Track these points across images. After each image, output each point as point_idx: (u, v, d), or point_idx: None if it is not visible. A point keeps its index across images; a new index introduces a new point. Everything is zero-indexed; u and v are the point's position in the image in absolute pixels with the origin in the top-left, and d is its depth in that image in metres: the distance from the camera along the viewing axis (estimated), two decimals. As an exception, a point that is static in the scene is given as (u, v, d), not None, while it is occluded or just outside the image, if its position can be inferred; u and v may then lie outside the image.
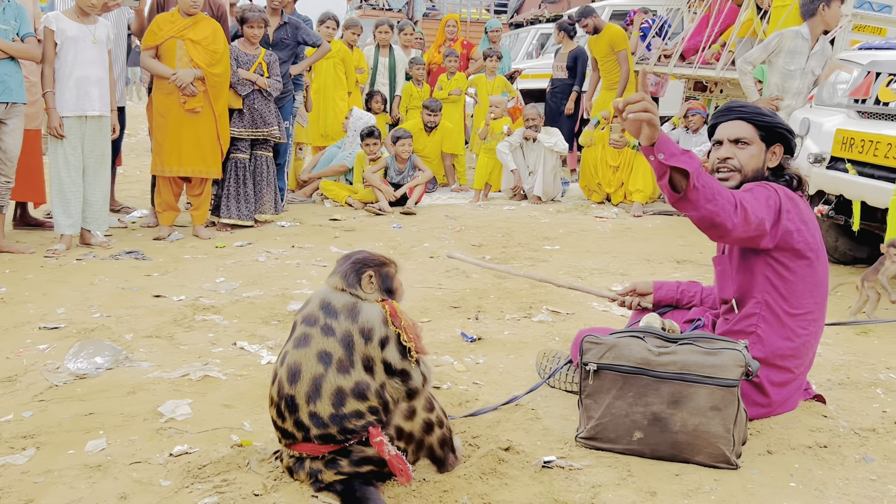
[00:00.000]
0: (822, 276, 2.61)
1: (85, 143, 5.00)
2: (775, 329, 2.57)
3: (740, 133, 2.61)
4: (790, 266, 2.53)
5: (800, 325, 2.58)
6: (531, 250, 5.42)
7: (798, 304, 2.56)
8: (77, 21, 4.92)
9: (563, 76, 8.71)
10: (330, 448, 2.08)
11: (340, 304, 2.08)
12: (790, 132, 2.64)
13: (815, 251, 2.55)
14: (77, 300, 3.98)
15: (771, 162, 2.64)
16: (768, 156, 2.63)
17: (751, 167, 2.61)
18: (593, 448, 2.45)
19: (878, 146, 4.09)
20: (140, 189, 7.66)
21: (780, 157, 2.65)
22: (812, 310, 2.59)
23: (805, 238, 2.51)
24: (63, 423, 2.58)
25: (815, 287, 2.58)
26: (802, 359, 2.62)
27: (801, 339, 2.58)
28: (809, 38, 5.37)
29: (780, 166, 2.66)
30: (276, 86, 5.90)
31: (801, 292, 2.55)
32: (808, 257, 2.53)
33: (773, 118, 2.64)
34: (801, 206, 2.57)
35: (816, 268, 2.57)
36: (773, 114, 2.68)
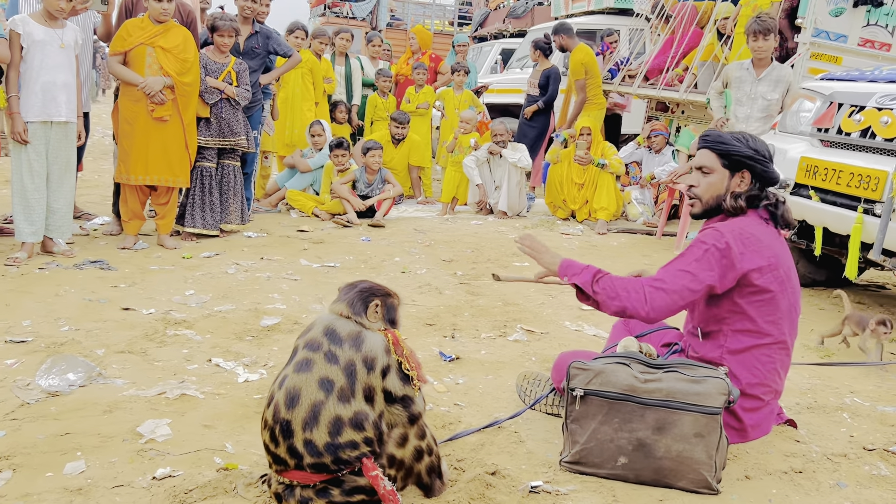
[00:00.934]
0: (791, 304, 2.63)
1: (50, 150, 4.88)
2: (742, 359, 2.60)
3: (704, 161, 2.68)
4: (754, 300, 2.55)
5: (766, 353, 2.60)
6: (501, 266, 5.46)
7: (765, 334, 2.58)
8: (45, 25, 4.81)
9: (536, 93, 8.79)
10: (322, 477, 2.07)
11: (345, 331, 2.08)
12: (753, 158, 2.61)
13: (781, 283, 2.56)
14: (43, 312, 3.88)
15: (739, 188, 2.64)
16: (733, 183, 2.64)
17: (709, 195, 2.67)
18: (578, 472, 2.48)
19: (841, 175, 4.23)
20: (100, 195, 7.49)
21: (748, 184, 2.64)
22: (780, 339, 2.61)
23: (768, 274, 2.53)
24: (38, 444, 2.52)
25: (781, 317, 2.59)
26: (771, 386, 2.66)
27: (768, 367, 2.61)
28: (752, 68, 5.64)
29: (755, 195, 2.64)
30: (244, 95, 5.84)
31: (768, 323, 2.58)
32: (772, 290, 2.55)
33: (732, 145, 2.62)
34: (765, 240, 2.56)
35: (782, 299, 2.58)
36: (737, 140, 2.63)
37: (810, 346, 3.99)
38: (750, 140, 2.65)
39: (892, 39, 7.21)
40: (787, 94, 5.58)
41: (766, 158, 2.64)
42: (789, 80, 5.64)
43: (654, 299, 2.46)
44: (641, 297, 2.46)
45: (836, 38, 7.03)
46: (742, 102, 5.69)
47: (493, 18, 16.93)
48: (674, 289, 2.47)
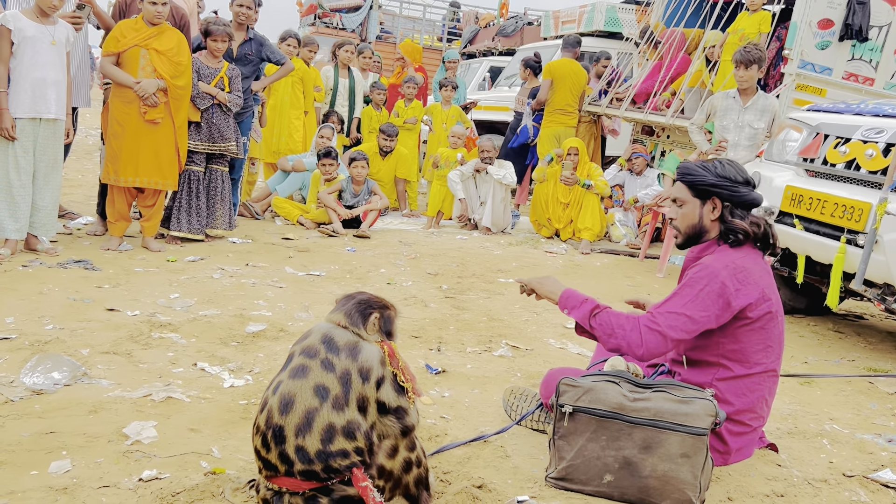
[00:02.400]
0: (779, 333, 2.66)
1: (37, 147, 4.85)
2: (732, 386, 2.63)
3: (676, 193, 2.74)
4: (747, 331, 2.59)
5: (756, 381, 2.64)
6: (486, 282, 5.48)
7: (753, 363, 2.62)
8: (36, 21, 4.79)
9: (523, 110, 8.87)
10: (312, 485, 2.06)
11: (343, 341, 2.08)
12: (717, 185, 2.63)
13: (771, 313, 2.60)
14: (27, 310, 3.84)
15: (712, 215, 2.67)
16: (706, 210, 2.68)
17: (685, 225, 2.72)
18: (563, 489, 2.50)
19: (825, 205, 4.31)
20: (83, 194, 7.44)
21: (720, 210, 2.65)
22: (770, 367, 2.65)
23: (762, 305, 2.57)
24: (23, 442, 2.49)
25: (769, 346, 2.63)
26: (758, 412, 2.69)
27: (756, 394, 2.65)
28: (738, 97, 5.74)
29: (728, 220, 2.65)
30: (236, 101, 5.84)
31: (756, 352, 2.62)
32: (764, 321, 2.58)
33: (697, 175, 2.65)
34: (754, 269, 2.58)
35: (772, 328, 2.61)
36: (704, 169, 2.66)
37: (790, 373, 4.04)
38: (718, 167, 2.66)
39: (875, 74, 7.38)
40: (773, 123, 5.68)
41: (735, 182, 2.64)
42: (775, 109, 5.74)
43: (650, 341, 2.49)
44: (637, 338, 2.49)
45: (821, 71, 7.19)
46: (729, 130, 5.79)
47: (483, 36, 17.05)
48: (669, 332, 2.50)
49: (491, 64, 13.96)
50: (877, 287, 4.18)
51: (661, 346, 2.50)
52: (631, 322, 2.52)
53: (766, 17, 7.33)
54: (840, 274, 4.20)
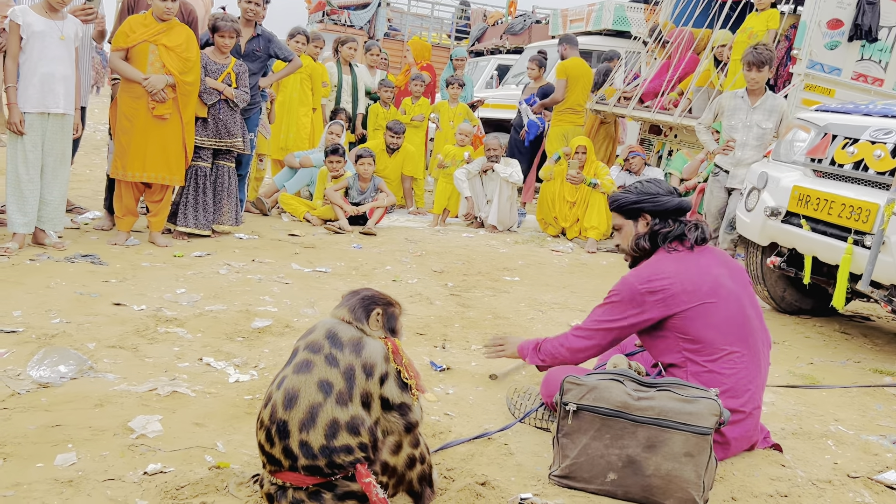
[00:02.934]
0: (731, 314, 2.71)
1: (46, 141, 4.87)
2: (706, 380, 2.65)
3: (614, 222, 3.03)
4: (688, 323, 2.69)
5: (725, 366, 2.67)
6: (492, 280, 5.49)
7: (714, 349, 2.67)
8: (45, 16, 4.80)
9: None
10: (315, 480, 2.07)
11: (347, 336, 2.09)
12: (639, 201, 2.86)
13: (704, 299, 2.68)
14: (34, 303, 3.86)
15: (643, 230, 2.88)
16: (639, 227, 2.90)
17: (627, 245, 2.96)
18: (566, 486, 2.50)
19: (833, 205, 4.29)
20: (91, 189, 7.47)
21: (649, 224, 2.87)
22: (735, 349, 2.68)
23: (687, 295, 2.68)
24: (29, 434, 2.51)
25: (725, 329, 2.68)
26: (743, 396, 2.69)
27: (732, 378, 2.67)
28: (746, 97, 5.71)
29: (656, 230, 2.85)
30: (242, 97, 5.84)
31: (713, 338, 2.68)
32: (700, 308, 2.67)
33: (620, 199, 2.92)
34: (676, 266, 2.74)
35: (715, 312, 2.68)
36: (626, 192, 2.93)
37: (796, 373, 4.04)
38: (638, 185, 2.94)
39: (884, 75, 7.35)
40: (780, 123, 5.66)
41: (655, 194, 2.87)
42: (783, 109, 5.72)
43: (574, 345, 2.91)
44: (563, 349, 2.93)
45: (830, 71, 7.16)
46: (737, 130, 5.76)
47: (491, 34, 17.04)
48: (591, 339, 2.88)
49: (499, 62, 13.96)
50: (884, 288, 4.16)
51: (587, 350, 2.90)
52: (560, 339, 2.97)
53: (775, 14, 7.31)
54: (847, 275, 4.18)
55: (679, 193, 2.93)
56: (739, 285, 2.80)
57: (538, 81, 8.92)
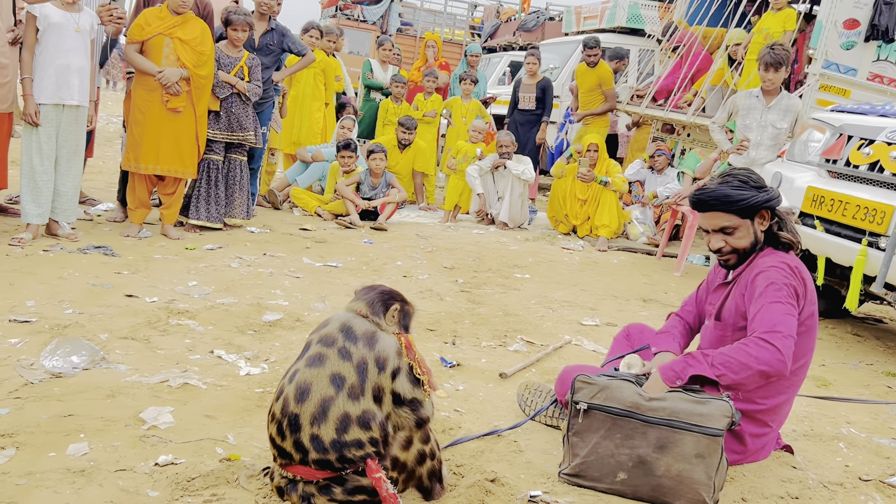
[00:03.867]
0: (814, 341, 2.67)
1: (60, 133, 4.88)
2: (763, 389, 2.61)
3: (722, 223, 2.66)
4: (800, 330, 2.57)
5: (785, 384, 2.64)
6: (502, 277, 5.48)
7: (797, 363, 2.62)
8: (61, 8, 4.82)
9: (533, 107, 8.83)
10: (326, 475, 2.08)
11: (361, 330, 2.10)
12: (764, 199, 2.61)
13: (814, 319, 2.61)
14: (46, 294, 3.88)
15: (761, 227, 2.68)
16: (756, 226, 2.67)
17: (744, 245, 2.66)
18: (576, 485, 2.49)
19: (847, 206, 4.26)
20: (104, 181, 7.50)
21: (768, 221, 2.67)
22: (799, 374, 2.66)
23: (809, 312, 2.58)
24: (42, 424, 2.52)
25: (806, 352, 2.64)
26: (780, 414, 2.71)
27: (783, 396, 2.65)
28: (761, 96, 5.67)
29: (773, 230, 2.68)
30: (255, 91, 5.85)
31: (804, 359, 2.63)
32: (805, 328, 2.59)
33: (744, 198, 2.60)
34: (805, 274, 2.60)
35: (809, 336, 2.62)
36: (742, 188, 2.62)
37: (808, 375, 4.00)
38: (750, 181, 2.64)
39: (900, 76, 7.29)
40: (795, 123, 5.63)
41: (766, 190, 2.64)
42: (798, 109, 5.69)
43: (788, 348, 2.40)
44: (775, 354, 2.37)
45: (845, 71, 7.11)
46: (751, 129, 5.73)
47: (504, 30, 16.99)
48: (791, 332, 2.44)
49: (511, 59, 13.91)
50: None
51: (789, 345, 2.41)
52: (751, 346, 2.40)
53: (791, 14, 7.26)
54: (860, 277, 4.16)
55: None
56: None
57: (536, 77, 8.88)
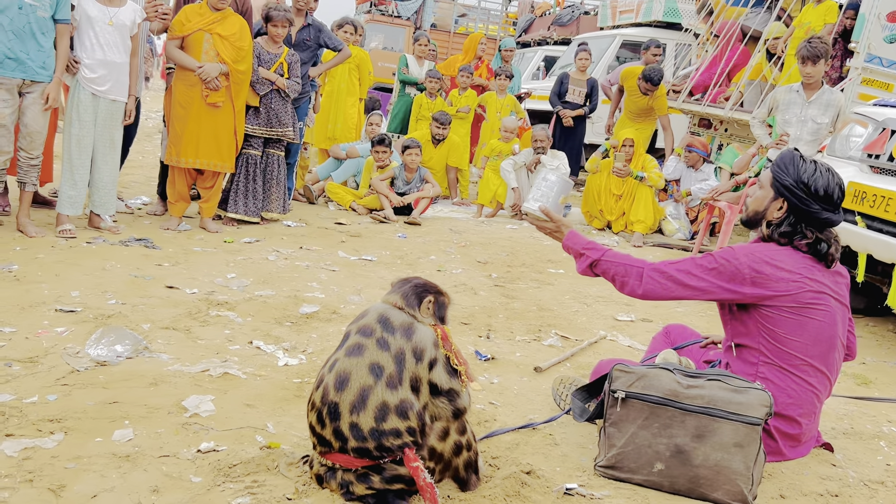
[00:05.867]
0: (824, 330, 2.58)
1: (97, 125, 4.97)
2: (775, 376, 2.59)
3: (763, 176, 2.74)
4: (778, 319, 2.56)
5: (800, 374, 2.58)
6: (536, 272, 5.48)
7: (794, 355, 2.57)
8: (100, 2, 4.89)
9: (580, 101, 8.80)
10: (364, 463, 2.11)
11: (398, 321, 2.13)
12: (790, 189, 2.58)
13: (803, 302, 2.55)
14: (90, 284, 3.97)
15: (772, 214, 2.66)
16: (773, 207, 2.65)
17: (752, 207, 2.74)
18: (612, 477, 2.49)
19: (890, 202, 4.19)
20: (144, 175, 7.64)
21: (782, 213, 2.64)
22: (813, 362, 2.58)
23: (784, 299, 2.53)
24: (88, 410, 2.59)
25: (813, 340, 2.57)
26: (805, 408, 2.61)
27: (802, 387, 2.58)
28: (802, 91, 5.61)
29: (787, 231, 2.62)
30: (294, 87, 5.91)
31: (796, 344, 2.57)
32: (791, 314, 2.54)
33: (783, 169, 2.61)
34: (789, 267, 2.55)
35: (810, 320, 2.55)
36: (791, 166, 2.61)
37: (847, 373, 3.96)
38: (806, 172, 2.59)
39: (946, 70, 7.12)
40: (837, 118, 5.54)
41: (810, 194, 2.56)
42: (840, 104, 5.60)
43: (647, 286, 2.62)
44: (629, 279, 2.64)
45: (888, 65, 6.97)
46: (791, 124, 5.66)
47: (538, 25, 16.94)
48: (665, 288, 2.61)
49: (546, 53, 13.87)
50: (941, 288, 4.05)
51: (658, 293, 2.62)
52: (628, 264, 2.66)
53: (833, 7, 7.14)
54: (903, 273, 4.09)
55: (839, 208, 2.62)
56: (841, 299, 2.66)
57: (585, 75, 8.84)
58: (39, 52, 4.62)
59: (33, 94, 4.66)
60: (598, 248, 2.73)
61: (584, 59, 8.75)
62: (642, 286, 2.61)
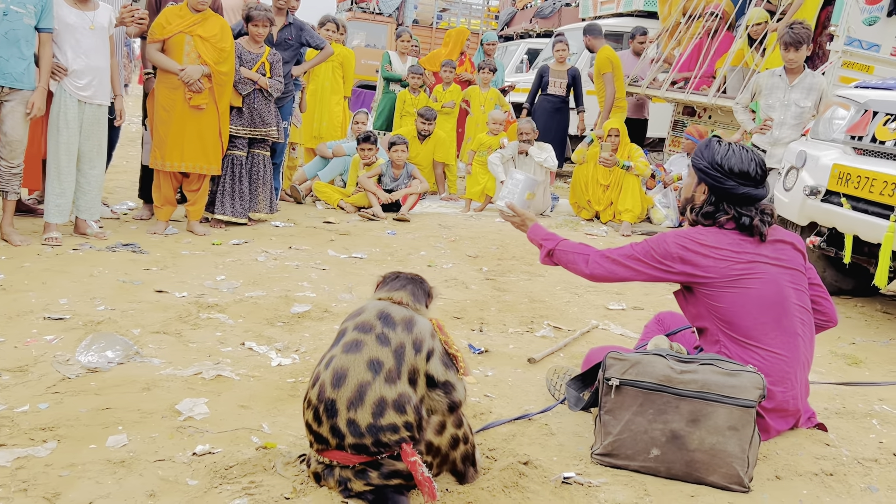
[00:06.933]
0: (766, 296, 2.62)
1: (82, 131, 4.93)
2: (735, 351, 2.63)
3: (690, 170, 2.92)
4: (719, 295, 2.65)
5: (759, 344, 2.62)
6: (526, 264, 5.48)
7: (745, 326, 2.63)
8: (75, 7, 4.85)
9: (563, 93, 8.82)
10: (362, 459, 2.10)
11: (399, 315, 2.15)
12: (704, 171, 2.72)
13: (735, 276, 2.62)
14: (79, 291, 3.95)
15: (698, 199, 2.80)
16: (698, 191, 2.80)
17: (683, 196, 2.92)
18: (609, 465, 2.50)
19: (874, 183, 4.21)
20: (128, 180, 7.58)
21: (703, 196, 2.77)
22: (767, 329, 2.62)
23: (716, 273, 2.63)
24: (81, 417, 2.58)
25: (759, 308, 2.61)
26: (774, 375, 2.61)
27: (763, 357, 2.61)
28: (784, 75, 5.64)
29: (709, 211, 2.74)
30: (277, 86, 5.89)
31: (744, 315, 2.63)
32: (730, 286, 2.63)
33: (697, 154, 2.79)
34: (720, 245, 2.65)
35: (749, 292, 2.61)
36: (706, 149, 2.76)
37: (837, 353, 3.99)
38: (719, 153, 2.72)
39: (925, 50, 7.17)
40: (819, 102, 5.57)
41: (725, 172, 2.68)
42: (822, 87, 5.63)
43: (594, 270, 2.81)
44: (582, 266, 2.83)
45: (868, 48, 7.00)
46: (774, 109, 5.69)
47: (520, 18, 16.94)
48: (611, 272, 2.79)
49: (528, 46, 13.87)
50: (928, 266, 4.09)
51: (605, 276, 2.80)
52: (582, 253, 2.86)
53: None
54: (889, 253, 4.10)
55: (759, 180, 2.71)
56: (780, 263, 2.69)
57: (565, 65, 8.85)
58: (21, 60, 4.58)
59: (12, 102, 4.62)
60: (554, 238, 2.97)
61: (562, 50, 8.77)
62: (589, 269, 2.81)
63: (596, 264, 2.80)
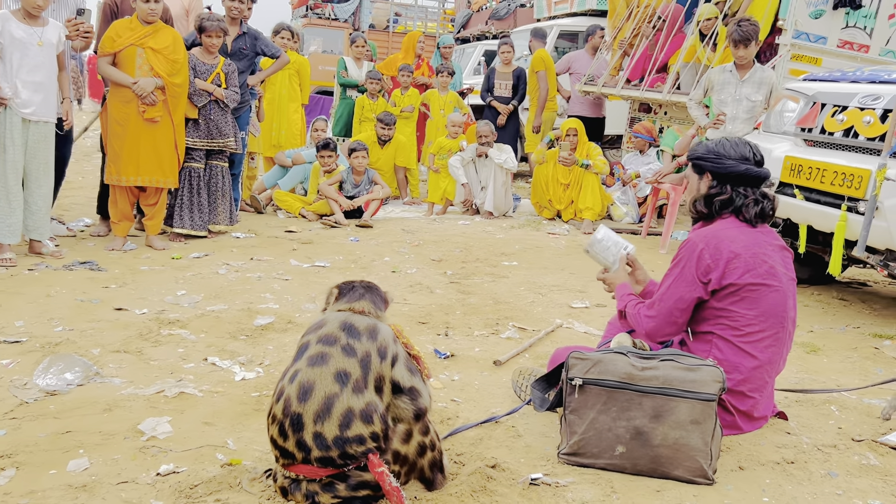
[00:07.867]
0: (775, 302, 2.66)
1: (28, 149, 4.83)
2: (729, 355, 2.66)
3: (686, 172, 2.96)
4: (733, 298, 2.64)
5: (753, 349, 2.65)
6: (490, 266, 5.50)
7: (747, 329, 2.65)
8: (24, 22, 4.76)
9: (509, 94, 8.91)
10: (328, 472, 2.09)
11: (363, 325, 2.15)
12: (705, 157, 2.78)
13: (758, 279, 2.63)
14: (35, 312, 3.87)
15: (703, 189, 2.81)
16: (702, 185, 2.82)
17: (690, 199, 2.87)
18: (576, 464, 2.52)
19: (825, 174, 4.32)
20: (85, 196, 7.46)
21: (708, 184, 2.79)
22: (765, 335, 2.66)
23: (745, 274, 2.62)
24: (40, 443, 2.52)
25: (765, 314, 2.64)
26: (755, 383, 2.69)
27: (755, 362, 2.65)
28: (735, 70, 5.76)
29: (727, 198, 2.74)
30: (233, 97, 5.83)
31: (749, 318, 2.64)
32: (750, 290, 2.63)
33: (695, 151, 2.84)
34: (742, 240, 2.65)
35: (762, 297, 2.64)
36: (701, 147, 2.83)
37: (797, 342, 4.06)
38: (713, 144, 2.80)
39: (870, 41, 7.35)
40: (770, 95, 5.68)
41: (720, 155, 2.75)
42: (772, 81, 5.74)
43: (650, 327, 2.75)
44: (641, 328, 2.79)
45: (815, 40, 7.16)
46: (726, 104, 5.79)
47: (476, 20, 17.00)
48: (663, 314, 2.72)
49: (485, 48, 13.92)
50: (879, 253, 4.19)
51: (664, 329, 2.74)
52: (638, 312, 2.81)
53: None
54: (842, 242, 4.21)
55: (756, 161, 2.77)
56: (789, 275, 2.74)
57: (511, 66, 8.97)
58: None
59: None
60: (623, 299, 2.96)
61: (507, 52, 8.90)
62: (644, 330, 2.78)
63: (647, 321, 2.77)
